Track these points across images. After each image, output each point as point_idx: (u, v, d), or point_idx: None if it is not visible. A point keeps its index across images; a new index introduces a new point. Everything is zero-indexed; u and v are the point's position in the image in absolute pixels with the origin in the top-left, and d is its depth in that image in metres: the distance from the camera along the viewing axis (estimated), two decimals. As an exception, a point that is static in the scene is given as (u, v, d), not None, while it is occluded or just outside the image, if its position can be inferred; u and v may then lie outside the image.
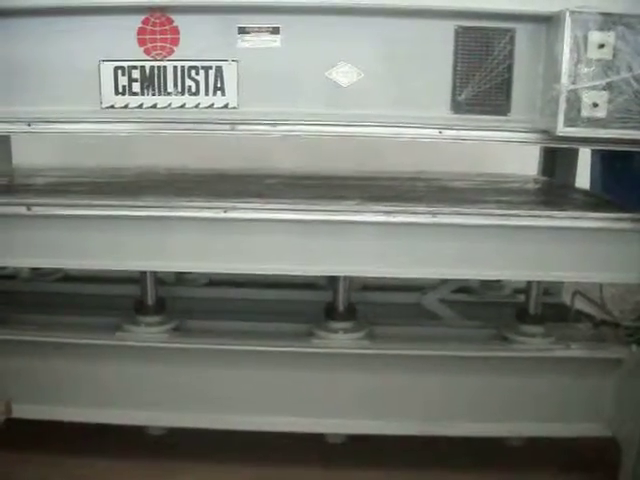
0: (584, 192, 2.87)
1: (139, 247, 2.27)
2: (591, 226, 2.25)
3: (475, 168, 3.09)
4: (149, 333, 2.54)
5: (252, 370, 2.50)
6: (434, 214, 2.22)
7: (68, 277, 3.20)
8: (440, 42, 2.18)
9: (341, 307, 2.57)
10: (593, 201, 2.59)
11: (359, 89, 2.20)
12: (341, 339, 2.52)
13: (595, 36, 2.03)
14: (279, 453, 2.65)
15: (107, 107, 2.23)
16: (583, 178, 2.99)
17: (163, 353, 2.51)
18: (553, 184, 3.06)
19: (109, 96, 2.22)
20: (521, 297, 2.86)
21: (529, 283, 2.62)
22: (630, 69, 2.05)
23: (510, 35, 2.18)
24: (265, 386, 2.52)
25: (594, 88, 2.06)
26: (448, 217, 2.23)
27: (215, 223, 2.23)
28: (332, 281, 2.66)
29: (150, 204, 2.24)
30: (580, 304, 2.80)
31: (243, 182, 2.67)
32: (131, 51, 2.18)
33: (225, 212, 2.22)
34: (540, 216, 2.26)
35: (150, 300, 2.60)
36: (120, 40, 2.18)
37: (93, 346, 2.48)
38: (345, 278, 2.56)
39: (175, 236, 2.26)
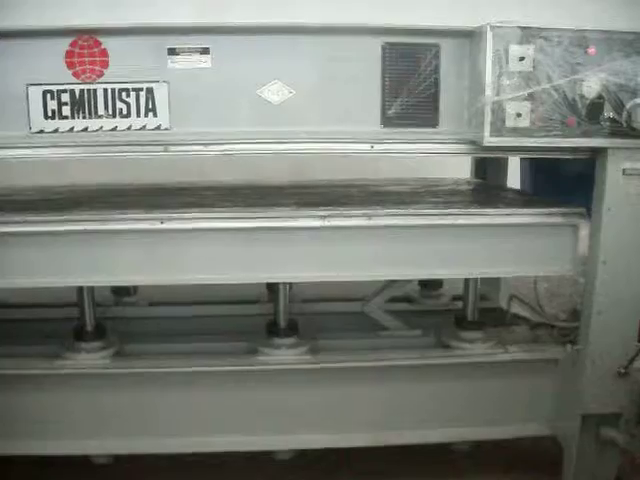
0: (515, 191, 2.97)
1: (75, 262, 2.23)
2: (524, 222, 2.34)
3: (412, 174, 3.14)
4: (90, 359, 2.49)
5: (197, 391, 2.48)
6: (369, 217, 2.26)
7: (2, 304, 3.11)
8: (368, 58, 2.22)
9: (282, 323, 2.58)
10: (524, 199, 2.68)
11: (291, 107, 2.23)
12: (284, 355, 2.52)
13: (515, 49, 2.11)
14: (229, 473, 2.64)
15: (36, 132, 2.20)
16: (514, 178, 3.09)
17: (105, 379, 2.46)
18: (486, 185, 3.15)
19: (38, 121, 2.19)
20: (459, 304, 2.92)
21: (466, 289, 2.67)
22: (550, 80, 2.13)
23: (435, 50, 2.24)
24: (211, 406, 2.50)
25: (517, 99, 2.14)
26: (383, 219, 2.28)
27: (152, 234, 2.23)
28: (273, 296, 2.67)
29: (84, 218, 2.21)
30: (517, 308, 2.88)
31: (180, 195, 2.65)
32: (60, 74, 2.16)
33: (162, 223, 2.22)
34: (474, 214, 2.33)
35: (89, 326, 2.55)
36: (48, 63, 2.15)
37: (32, 376, 2.42)
38: (285, 293, 2.57)
39: (111, 249, 2.24)
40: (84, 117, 2.20)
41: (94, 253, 2.23)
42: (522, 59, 2.12)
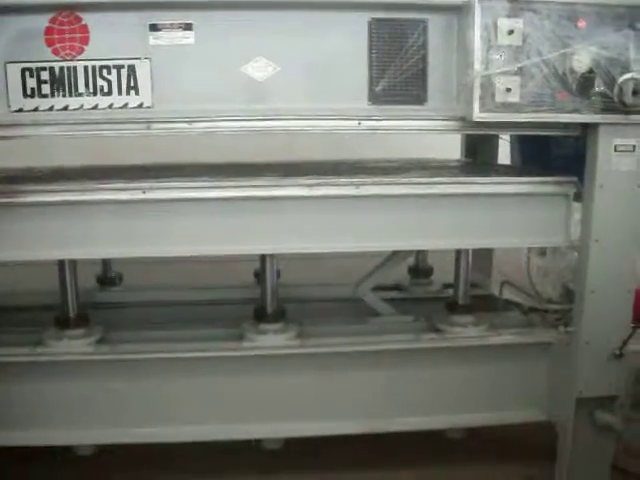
0: (506, 166, 2.91)
1: (52, 235, 2.18)
2: (516, 190, 2.30)
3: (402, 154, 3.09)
4: (72, 346, 2.42)
5: (182, 378, 2.42)
6: (357, 185, 2.23)
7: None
8: (354, 34, 2.18)
9: (270, 308, 2.52)
10: (515, 171, 2.63)
11: (276, 83, 2.18)
12: (271, 340, 2.46)
13: (504, 23, 2.08)
14: (218, 463, 2.58)
15: (15, 111, 2.14)
16: (505, 161, 3.06)
17: (88, 367, 2.40)
18: (476, 162, 3.10)
19: (17, 99, 2.13)
20: (450, 292, 2.87)
21: (457, 272, 2.62)
22: (539, 54, 2.10)
23: (423, 26, 2.20)
24: (197, 394, 2.44)
25: (506, 73, 2.10)
26: (371, 188, 2.23)
27: (134, 205, 2.18)
28: (260, 281, 2.62)
29: (64, 188, 2.16)
30: (509, 294, 2.83)
31: (164, 170, 2.58)
32: (39, 52, 2.10)
33: (144, 193, 2.17)
34: (464, 182, 2.29)
35: (72, 313, 2.49)
36: (27, 40, 2.09)
37: (12, 364, 2.35)
38: (272, 277, 2.51)
39: (92, 221, 2.18)
40: (64, 95, 2.14)
41: (73, 225, 2.17)
42: (511, 33, 2.09)
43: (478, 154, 3.14)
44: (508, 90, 2.11)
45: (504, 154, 3.02)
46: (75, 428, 2.43)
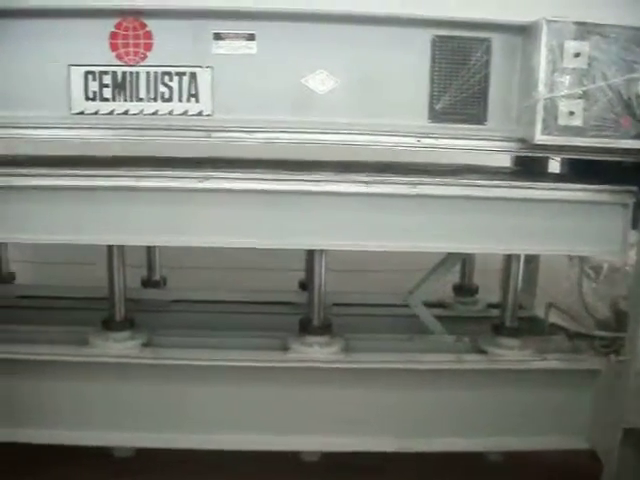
0: (560, 174, 2.87)
1: (102, 220, 2.19)
2: (573, 198, 2.26)
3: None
4: (117, 348, 2.44)
5: (224, 386, 2.43)
6: (414, 184, 2.20)
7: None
8: (417, 51, 2.18)
9: (316, 321, 2.51)
10: (572, 179, 2.60)
11: (336, 97, 2.18)
12: (316, 353, 2.45)
13: (571, 45, 2.06)
14: (253, 473, 2.57)
15: (77, 113, 2.17)
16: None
17: (132, 369, 2.41)
18: (527, 169, 3.05)
19: (79, 102, 2.16)
20: (494, 312, 2.84)
21: (505, 293, 2.59)
22: (605, 77, 2.07)
23: (486, 45, 2.19)
24: (238, 402, 2.45)
25: (570, 97, 2.08)
26: (429, 188, 2.21)
27: (188, 194, 2.18)
28: (308, 293, 2.60)
29: (115, 174, 2.17)
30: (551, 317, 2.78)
31: (221, 163, 2.54)
32: (102, 56, 2.13)
33: (200, 182, 2.16)
34: (520, 187, 2.26)
35: (118, 315, 2.50)
36: (91, 44, 2.13)
37: (57, 363, 2.37)
38: (320, 288, 2.50)
39: (143, 208, 2.18)
40: (125, 100, 2.17)
41: (123, 211, 2.19)
42: (577, 55, 2.06)
43: (528, 163, 3.08)
44: (571, 113, 2.08)
45: (553, 163, 2.96)
46: (115, 430, 2.44)
